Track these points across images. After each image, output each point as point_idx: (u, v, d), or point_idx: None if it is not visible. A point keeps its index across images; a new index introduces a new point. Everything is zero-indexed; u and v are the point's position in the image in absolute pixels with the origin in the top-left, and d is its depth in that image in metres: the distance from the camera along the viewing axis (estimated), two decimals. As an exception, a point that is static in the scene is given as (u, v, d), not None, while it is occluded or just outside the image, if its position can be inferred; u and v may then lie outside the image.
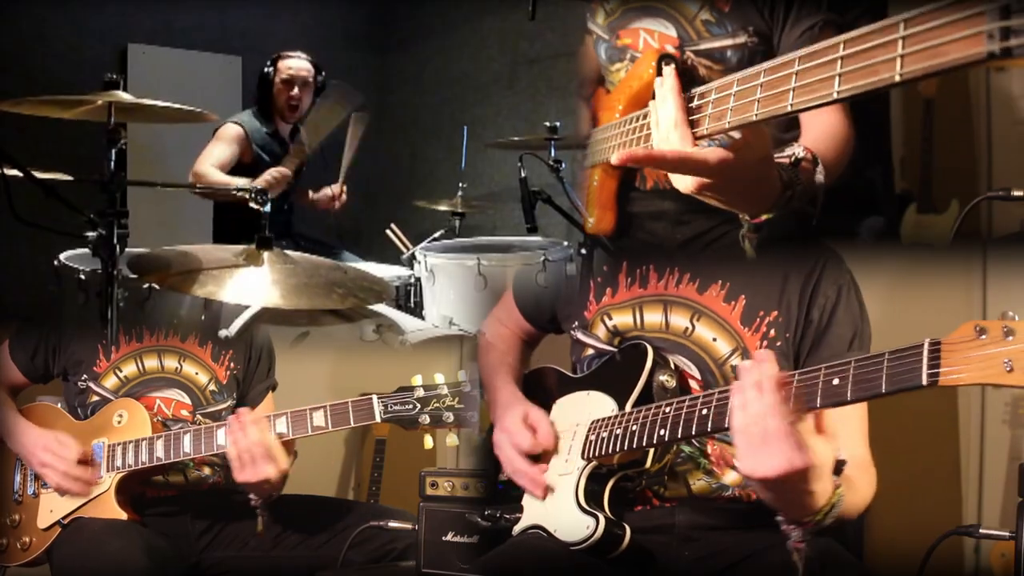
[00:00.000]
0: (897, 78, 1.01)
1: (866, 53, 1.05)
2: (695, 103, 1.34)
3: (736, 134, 1.32)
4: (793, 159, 1.43)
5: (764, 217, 1.40)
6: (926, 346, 1.16)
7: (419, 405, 1.98)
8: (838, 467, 1.42)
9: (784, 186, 1.39)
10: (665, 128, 1.38)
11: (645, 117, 1.50)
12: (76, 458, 2.07)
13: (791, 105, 1.16)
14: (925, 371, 1.15)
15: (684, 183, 1.35)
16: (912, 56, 1.00)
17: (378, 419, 1.97)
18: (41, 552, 2.07)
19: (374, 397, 1.99)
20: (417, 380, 2.01)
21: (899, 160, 3.07)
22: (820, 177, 1.44)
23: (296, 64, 4.06)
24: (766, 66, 1.21)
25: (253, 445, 1.96)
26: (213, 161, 3.83)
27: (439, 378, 2.01)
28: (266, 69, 4.08)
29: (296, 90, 4.04)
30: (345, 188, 4.12)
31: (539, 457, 1.68)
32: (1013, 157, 2.86)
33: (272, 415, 2.02)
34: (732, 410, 1.34)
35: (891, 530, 2.14)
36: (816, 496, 1.33)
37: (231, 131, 3.94)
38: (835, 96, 1.09)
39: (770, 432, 1.28)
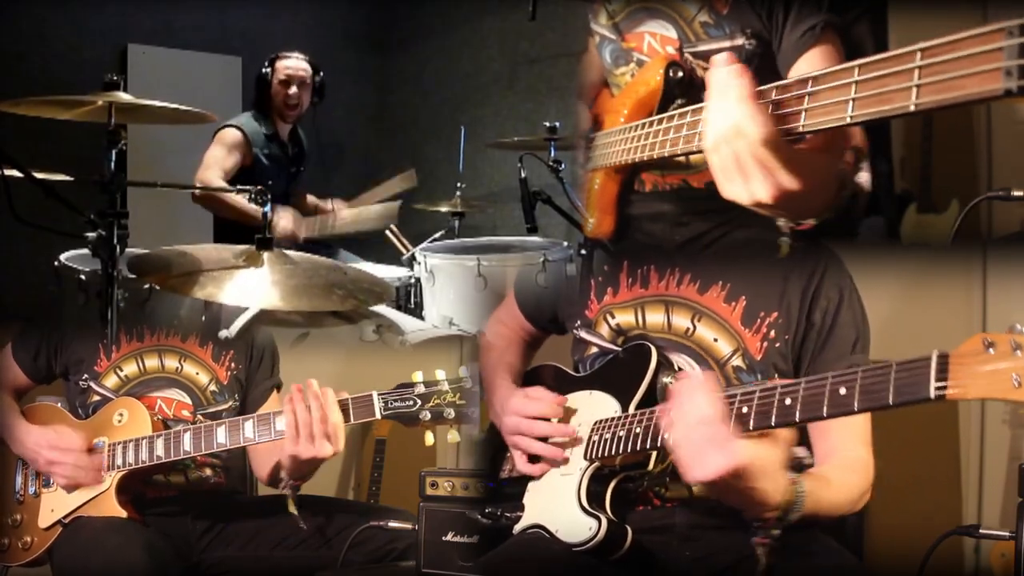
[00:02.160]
0: (912, 108, 1.01)
1: (881, 80, 1.05)
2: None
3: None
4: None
5: (811, 222, 1.38)
6: (934, 359, 1.14)
7: (420, 401, 1.94)
8: (798, 465, 1.47)
9: (840, 186, 1.39)
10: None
11: (651, 124, 1.50)
12: (82, 448, 2.07)
13: (802, 126, 1.15)
14: (932, 384, 1.14)
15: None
16: (928, 87, 1.00)
17: (378, 416, 1.94)
18: (43, 552, 2.07)
19: (374, 393, 1.94)
20: (418, 376, 1.96)
21: (899, 160, 3.07)
22: (864, 175, 1.44)
23: (293, 64, 4.06)
24: (778, 85, 1.20)
25: (316, 421, 1.88)
26: (217, 171, 3.80)
27: (440, 374, 1.96)
28: (263, 70, 4.08)
29: (294, 89, 4.04)
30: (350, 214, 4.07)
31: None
32: (1013, 157, 2.86)
33: (273, 413, 2.01)
34: (668, 424, 1.41)
35: (891, 530, 2.14)
36: (765, 492, 1.35)
37: (231, 137, 3.91)
38: (848, 120, 1.09)
39: (703, 440, 1.35)
